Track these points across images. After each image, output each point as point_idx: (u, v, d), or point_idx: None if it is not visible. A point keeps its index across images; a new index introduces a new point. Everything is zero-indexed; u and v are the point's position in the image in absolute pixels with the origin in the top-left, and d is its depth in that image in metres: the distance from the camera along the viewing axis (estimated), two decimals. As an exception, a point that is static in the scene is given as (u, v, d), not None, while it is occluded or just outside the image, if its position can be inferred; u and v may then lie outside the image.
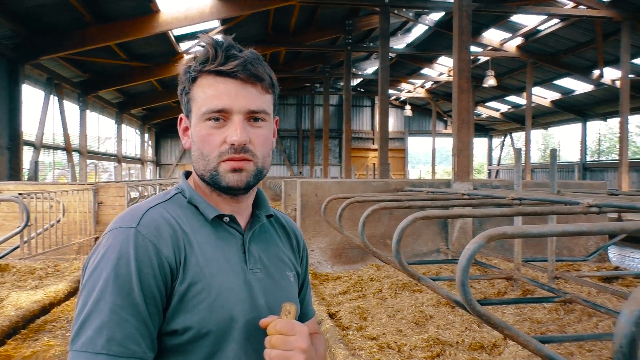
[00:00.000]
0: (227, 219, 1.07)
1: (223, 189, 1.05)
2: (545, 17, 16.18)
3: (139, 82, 18.47)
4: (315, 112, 31.11)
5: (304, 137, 32.00)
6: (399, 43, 21.49)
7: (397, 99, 32.40)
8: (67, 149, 16.85)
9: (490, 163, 36.22)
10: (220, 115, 1.01)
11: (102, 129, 22.19)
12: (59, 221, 7.74)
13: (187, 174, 1.15)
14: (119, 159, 22.79)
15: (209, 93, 1.01)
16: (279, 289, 1.10)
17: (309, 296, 1.28)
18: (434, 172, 29.76)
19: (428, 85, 28.98)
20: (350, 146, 18.27)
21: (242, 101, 1.01)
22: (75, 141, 17.83)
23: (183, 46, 17.24)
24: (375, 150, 33.30)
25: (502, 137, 34.40)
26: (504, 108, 29.56)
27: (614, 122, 24.58)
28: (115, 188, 9.90)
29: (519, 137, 32.66)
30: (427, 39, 20.57)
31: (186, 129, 1.11)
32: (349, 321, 5.18)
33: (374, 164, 23.01)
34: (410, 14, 17.99)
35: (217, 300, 0.98)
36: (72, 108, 17.76)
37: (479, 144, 37.16)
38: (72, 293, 6.46)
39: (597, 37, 16.41)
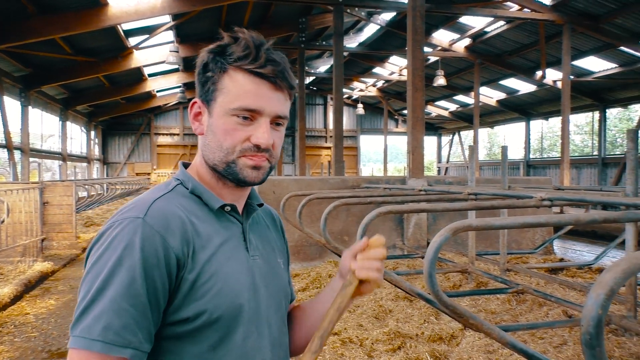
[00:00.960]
0: (228, 208, 1.09)
1: (239, 182, 1.07)
2: (491, 19, 16.74)
3: (85, 78, 17.82)
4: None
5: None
6: (352, 42, 21.69)
7: (350, 97, 32.71)
8: (8, 146, 16.03)
9: (439, 161, 37.18)
10: (249, 114, 1.03)
11: (46, 126, 21.26)
12: (2, 222, 7.37)
13: (185, 165, 1.16)
14: (64, 157, 21.90)
15: (243, 90, 1.02)
16: (275, 274, 1.15)
17: (291, 280, 1.32)
18: (385, 169, 30.25)
19: (380, 84, 29.41)
20: (304, 144, 18.29)
21: (273, 106, 1.04)
22: (16, 139, 16.99)
23: (132, 41, 16.74)
24: (328, 148, 33.49)
25: (451, 136, 35.38)
26: (453, 107, 30.41)
27: (554, 121, 25.74)
28: (63, 187, 9.52)
29: (466, 135, 33.69)
30: (379, 39, 20.86)
31: (198, 114, 1.10)
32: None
33: (328, 161, 23.10)
34: (363, 13, 18.19)
35: (225, 287, 1.00)
36: (13, 104, 16.92)
37: (429, 142, 38.07)
38: (17, 297, 6.17)
39: (540, 39, 17.14)
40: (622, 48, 16.39)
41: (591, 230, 12.95)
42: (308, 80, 29.57)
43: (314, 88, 32.29)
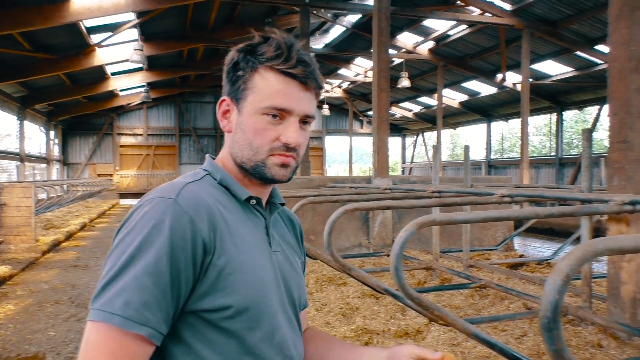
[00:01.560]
0: (254, 201, 1.10)
1: (266, 180, 1.09)
2: (454, 22, 17.11)
3: (45, 75, 17.26)
4: (233, 110, 30.79)
5: (221, 136, 31.14)
6: (317, 43, 21.78)
7: (315, 98, 32.80)
8: (-39, 146, 15.40)
9: (404, 161, 37.69)
10: (279, 113, 1.05)
11: (2, 126, 20.52)
12: (-43, 224, 7.10)
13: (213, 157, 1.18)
14: (21, 157, 21.18)
15: (274, 89, 1.04)
16: (294, 272, 1.17)
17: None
18: (351, 170, 30.46)
19: (345, 85, 29.61)
20: (270, 144, 18.26)
21: (303, 105, 1.06)
22: (-30, 138, 16.35)
23: (95, 38, 16.35)
24: (294, 149, 33.42)
25: (415, 137, 35.93)
26: (417, 108, 30.89)
27: (514, 123, 26.48)
28: (21, 189, 9.23)
29: (430, 136, 34.28)
30: (344, 40, 21.03)
31: (227, 111, 1.12)
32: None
33: (294, 162, 23.06)
34: (329, 14, 18.30)
35: (252, 278, 1.00)
36: (-34, 102, 16.28)
37: (393, 143, 38.53)
38: (-25, 301, 5.97)
39: (500, 43, 17.63)
40: (578, 53, 17.02)
41: (549, 227, 13.40)
42: (274, 80, 29.49)
43: (280, 89, 32.28)
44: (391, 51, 20.68)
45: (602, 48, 16.06)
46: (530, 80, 17.18)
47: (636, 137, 3.99)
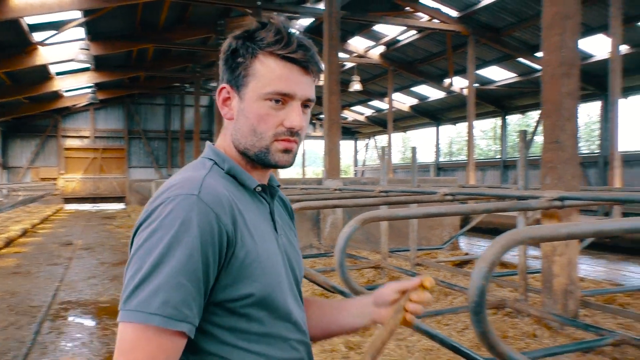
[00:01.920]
0: (259, 188, 1.11)
1: (269, 165, 1.10)
2: (404, 28, 17.53)
3: (-18, 75, 16.49)
4: (185, 113, 30.25)
5: (173, 139, 30.90)
6: (270, 46, 21.78)
7: (268, 101, 32.72)
8: None
9: (356, 164, 38.14)
10: (282, 98, 1.05)
11: None
12: None
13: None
14: (-44, 161, 20.09)
15: (276, 74, 1.04)
16: (295, 251, 1.19)
17: None
18: (304, 173, 30.57)
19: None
20: (222, 147, 18.08)
21: (304, 89, 1.06)
22: None
23: (38, 36, 15.74)
24: (247, 151, 33.27)
25: (367, 140, 36.44)
26: (369, 112, 31.36)
27: (462, 127, 27.32)
28: (-43, 192, 8.78)
29: (382, 139, 34.86)
30: (297, 43, 21.12)
31: (227, 99, 1.11)
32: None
33: (247, 165, 22.95)
34: (282, 18, 18.34)
35: (269, 266, 1.03)
36: None
37: (346, 147, 38.93)
38: None
39: (448, 49, 18.18)
40: (520, 59, 17.78)
41: (493, 227, 13.91)
42: (226, 83, 29.22)
43: (233, 91, 32.03)
44: (343, 55, 20.93)
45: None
46: (476, 85, 17.80)
47: (567, 139, 4.24)
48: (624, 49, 14.16)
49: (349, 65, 21.98)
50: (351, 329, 1.25)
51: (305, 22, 19.08)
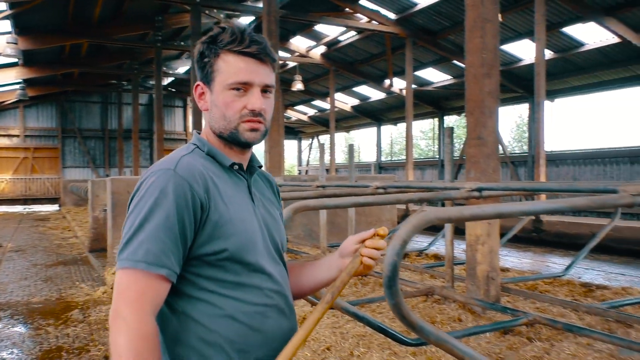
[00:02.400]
0: (236, 166, 1.34)
1: (241, 144, 1.33)
2: (344, 28, 17.85)
3: None
4: (123, 111, 29.34)
5: (111, 138, 29.92)
6: (211, 44, 21.54)
7: (210, 100, 32.28)
8: None
9: (300, 164, 38.34)
10: (242, 87, 1.28)
11: None
12: None
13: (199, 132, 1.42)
14: None
15: (236, 68, 1.27)
16: (274, 220, 1.42)
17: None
18: (248, 172, 30.38)
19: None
20: (162, 146, 17.75)
21: (261, 77, 1.29)
22: None
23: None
24: (189, 151, 32.70)
25: (310, 140, 36.71)
26: (311, 112, 31.62)
27: (403, 127, 28.06)
28: None
29: (325, 139, 35.21)
30: (238, 42, 21.01)
31: (202, 94, 1.35)
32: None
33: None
34: (222, 15, 18.22)
35: (240, 227, 1.26)
36: None
37: (290, 146, 39.08)
38: None
39: (387, 50, 18.68)
40: (455, 62, 18.51)
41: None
42: (166, 81, 28.66)
43: (173, 89, 31.35)
44: (285, 54, 21.03)
45: (475, 58, 17.62)
46: (414, 86, 18.39)
47: (489, 135, 4.56)
48: (548, 54, 15.09)
49: (291, 64, 22.11)
50: (326, 282, 1.48)
51: (246, 20, 19.03)
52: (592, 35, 14.82)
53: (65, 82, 25.62)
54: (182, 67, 26.02)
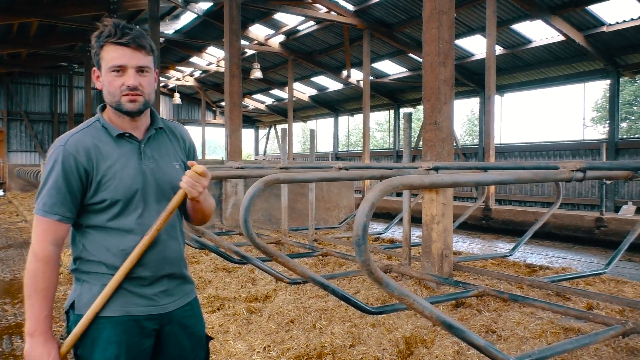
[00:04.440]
0: (127, 134, 1.73)
1: (125, 113, 1.70)
2: (303, 18, 17.94)
3: None
4: (75, 95, 28.37)
5: (60, 122, 28.90)
6: (167, 28, 21.14)
7: (166, 86, 31.71)
8: None
9: (257, 153, 38.21)
10: (120, 69, 1.66)
11: None
12: None
13: (103, 107, 1.78)
14: None
15: (112, 55, 1.66)
16: (164, 173, 1.78)
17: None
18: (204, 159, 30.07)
19: (197, 74, 29.11)
20: (117, 131, 17.35)
21: (133, 60, 1.67)
22: None
23: None
24: (142, 138, 32.03)
25: (268, 129, 36.64)
26: (269, 101, 31.55)
27: (360, 119, 28.45)
28: None
29: (282, 129, 35.22)
30: (196, 27, 20.73)
31: (98, 77, 1.73)
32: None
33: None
34: (179, 0, 17.94)
35: (120, 182, 1.68)
36: None
37: (247, 135, 38.82)
38: None
39: (345, 42, 18.90)
40: (411, 55, 18.95)
41: (386, 212, 14.88)
42: (120, 65, 27.84)
43: (127, 74, 30.58)
44: (243, 42, 20.89)
45: (431, 52, 18.09)
46: (371, 78, 18.70)
47: (444, 120, 4.84)
48: (498, 49, 15.72)
49: (249, 52, 21.99)
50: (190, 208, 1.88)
51: (205, 5, 18.80)
52: (539, 32, 15.55)
53: (12, 63, 24.50)
54: (136, 52, 25.37)
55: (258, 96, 31.24)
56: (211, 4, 18.07)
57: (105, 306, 1.67)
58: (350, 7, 16.83)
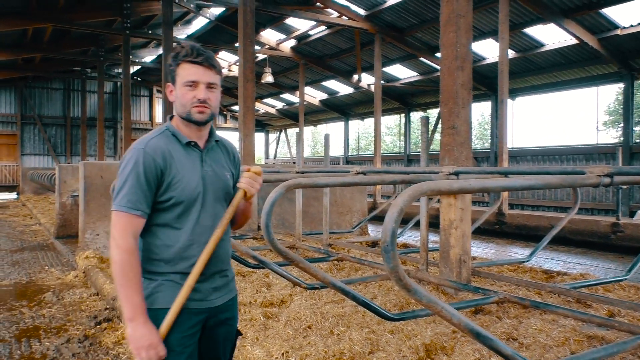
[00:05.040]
0: (192, 143, 1.94)
1: (193, 122, 1.91)
2: (314, 22, 17.96)
3: None
4: (87, 99, 28.59)
5: (73, 126, 29.14)
6: (180, 34, 21.29)
7: (177, 90, 31.82)
8: None
9: (267, 157, 38.28)
10: (193, 84, 1.88)
11: None
12: None
13: (171, 118, 1.99)
14: None
15: (187, 72, 1.88)
16: (219, 180, 1.98)
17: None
18: (214, 164, 30.13)
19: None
20: (130, 135, 17.45)
21: (205, 77, 1.89)
22: None
23: None
24: (153, 142, 32.23)
25: (278, 133, 36.69)
26: (280, 105, 31.61)
27: (369, 122, 28.41)
28: None
29: (292, 133, 35.27)
30: (208, 32, 20.85)
31: (171, 91, 1.96)
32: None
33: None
34: (192, 5, 18.03)
35: (187, 184, 1.88)
36: None
37: (257, 139, 38.85)
38: None
39: (356, 46, 18.90)
40: (422, 59, 18.92)
41: (398, 216, 14.77)
42: (132, 70, 28.09)
43: (139, 79, 30.77)
44: (255, 47, 20.95)
45: (442, 56, 18.03)
46: (382, 82, 18.67)
47: (462, 124, 4.79)
48: (510, 53, 15.63)
49: (260, 57, 22.06)
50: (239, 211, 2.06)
51: (217, 10, 18.90)
52: (551, 36, 15.44)
53: (26, 67, 24.79)
54: (149, 56, 25.57)
55: (269, 100, 31.31)
56: (223, 9, 18.16)
57: (163, 300, 1.86)
58: (362, 12, 16.83)
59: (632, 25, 13.41)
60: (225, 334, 2.04)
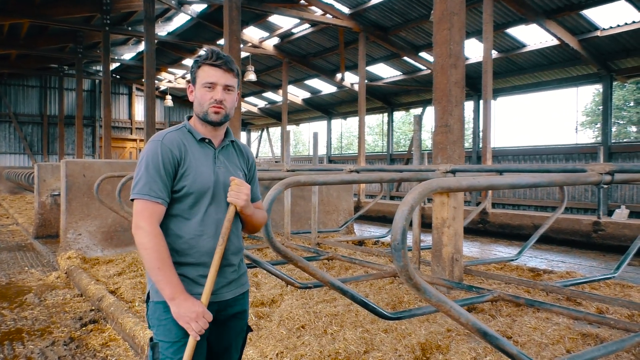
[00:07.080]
0: (207, 140, 2.05)
1: (209, 122, 2.04)
2: (298, 20, 17.87)
3: None
4: (65, 97, 28.01)
5: (50, 124, 28.53)
6: (160, 30, 20.96)
7: (157, 88, 31.45)
8: None
9: (248, 156, 38.02)
10: (211, 85, 2.01)
11: None
12: None
13: (189, 117, 2.12)
14: None
15: (207, 74, 2.01)
16: (230, 176, 2.04)
17: (257, 187, 2.26)
18: (195, 163, 29.84)
19: (189, 76, 28.88)
20: (110, 133, 17.15)
21: (222, 80, 2.02)
22: None
23: None
24: (133, 140, 31.75)
25: (260, 132, 36.48)
26: (262, 104, 31.42)
27: (352, 122, 28.43)
28: None
29: (274, 132, 35.11)
30: (189, 29, 20.59)
31: (192, 91, 2.08)
32: (131, 295, 5.16)
33: (139, 150, 21.80)
34: (173, 1, 17.79)
35: (198, 176, 1.98)
36: None
37: (239, 138, 38.61)
38: None
39: (340, 44, 18.87)
40: (405, 58, 18.97)
41: (382, 215, 14.82)
42: (111, 67, 27.62)
43: (118, 76, 30.28)
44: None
45: (426, 55, 18.14)
46: (366, 81, 18.67)
47: (455, 123, 4.78)
48: (493, 53, 15.77)
49: (243, 55, 21.85)
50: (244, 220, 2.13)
51: (199, 7, 18.67)
52: (533, 37, 15.62)
53: (1, 64, 24.17)
54: (128, 53, 25.17)
55: (251, 99, 31.11)
56: (205, 5, 17.95)
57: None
58: (346, 10, 16.80)
59: (611, 27, 13.64)
60: (236, 331, 2.12)
